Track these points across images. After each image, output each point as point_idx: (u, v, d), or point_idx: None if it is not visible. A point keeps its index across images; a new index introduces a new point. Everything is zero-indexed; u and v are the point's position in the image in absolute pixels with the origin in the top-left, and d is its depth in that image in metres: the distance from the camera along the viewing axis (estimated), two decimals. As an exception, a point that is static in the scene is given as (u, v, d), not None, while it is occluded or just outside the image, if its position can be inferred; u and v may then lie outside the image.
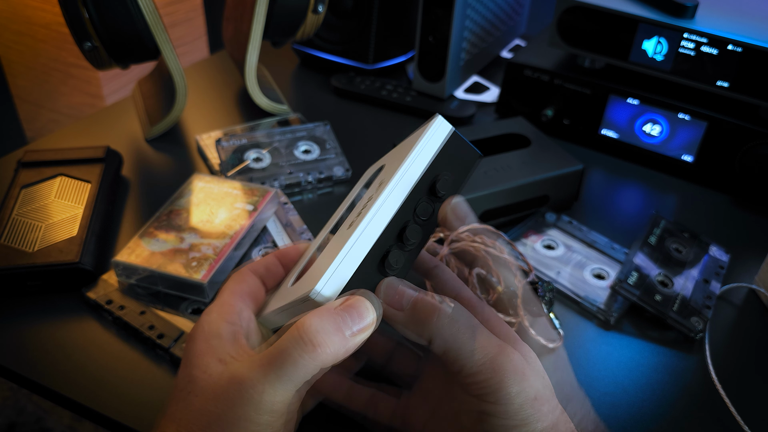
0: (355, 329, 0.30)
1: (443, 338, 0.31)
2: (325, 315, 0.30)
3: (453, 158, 0.35)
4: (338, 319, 0.30)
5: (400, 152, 0.37)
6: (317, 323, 0.30)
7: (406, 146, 0.37)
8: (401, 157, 0.35)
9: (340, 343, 0.30)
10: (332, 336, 0.30)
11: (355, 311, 0.30)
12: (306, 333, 0.29)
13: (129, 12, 0.61)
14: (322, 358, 0.30)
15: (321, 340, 0.29)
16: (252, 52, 0.70)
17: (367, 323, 0.31)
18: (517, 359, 0.31)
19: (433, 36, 0.75)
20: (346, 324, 0.30)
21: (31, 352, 0.45)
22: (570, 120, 0.73)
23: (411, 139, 0.37)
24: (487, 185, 0.56)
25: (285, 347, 0.30)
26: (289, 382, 0.30)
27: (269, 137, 0.66)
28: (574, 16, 0.68)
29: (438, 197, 0.34)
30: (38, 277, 0.49)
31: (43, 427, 1.10)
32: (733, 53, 0.61)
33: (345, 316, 0.30)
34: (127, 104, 0.76)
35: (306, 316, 0.30)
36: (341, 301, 0.31)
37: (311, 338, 0.29)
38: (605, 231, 0.59)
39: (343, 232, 0.33)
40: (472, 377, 0.31)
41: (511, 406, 0.30)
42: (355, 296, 0.31)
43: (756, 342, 0.50)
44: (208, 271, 0.49)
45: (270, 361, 0.30)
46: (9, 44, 1.36)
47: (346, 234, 0.32)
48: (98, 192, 0.56)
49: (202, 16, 1.47)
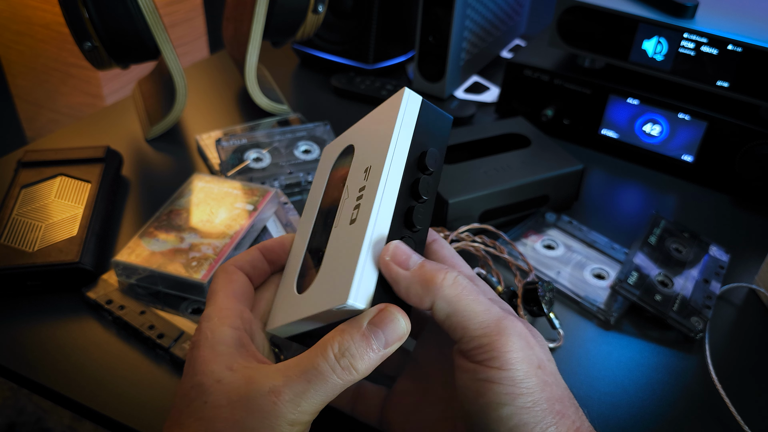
0: (389, 344, 0.30)
1: (447, 299, 0.30)
2: (357, 336, 0.30)
3: (429, 128, 0.35)
4: (371, 339, 0.30)
5: (371, 131, 0.36)
6: (353, 347, 0.30)
7: (376, 124, 0.36)
8: (379, 138, 0.34)
9: (374, 361, 0.30)
10: (365, 357, 0.30)
11: (390, 326, 0.30)
12: (343, 356, 0.29)
13: (129, 12, 0.61)
14: (355, 379, 0.30)
15: (359, 365, 0.30)
16: (252, 52, 0.70)
17: (400, 335, 0.30)
18: (521, 326, 0.31)
19: (433, 36, 0.75)
20: (380, 341, 0.30)
21: (31, 351, 0.45)
22: (570, 120, 0.73)
23: (379, 115, 0.36)
24: (487, 185, 0.56)
25: (318, 365, 0.30)
26: (318, 396, 0.30)
27: (269, 137, 0.66)
28: (574, 16, 0.68)
29: (429, 172, 0.33)
30: (38, 276, 0.49)
31: (43, 427, 1.10)
32: (733, 53, 0.61)
33: (379, 333, 0.30)
34: (127, 104, 0.76)
35: (340, 337, 0.30)
36: (372, 315, 0.30)
37: (349, 363, 0.30)
38: (605, 231, 0.59)
39: (347, 228, 0.33)
40: (477, 340, 0.30)
41: (516, 372, 0.29)
42: (387, 309, 0.30)
43: (756, 342, 0.50)
44: (208, 271, 0.49)
45: (301, 374, 0.30)
46: (9, 44, 1.36)
47: (353, 231, 0.32)
48: (98, 192, 0.56)
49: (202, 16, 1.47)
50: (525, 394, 0.29)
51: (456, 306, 0.30)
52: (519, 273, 0.52)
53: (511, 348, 0.29)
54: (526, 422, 0.29)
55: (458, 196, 0.55)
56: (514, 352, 0.29)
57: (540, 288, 0.48)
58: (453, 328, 0.31)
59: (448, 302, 0.30)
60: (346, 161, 0.38)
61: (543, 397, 0.29)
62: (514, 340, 0.30)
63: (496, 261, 0.55)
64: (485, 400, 0.29)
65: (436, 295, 0.30)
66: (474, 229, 0.54)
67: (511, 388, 0.29)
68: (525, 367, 0.29)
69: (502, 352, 0.29)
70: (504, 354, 0.29)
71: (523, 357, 0.30)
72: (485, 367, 0.30)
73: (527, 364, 0.30)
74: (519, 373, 0.29)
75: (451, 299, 0.30)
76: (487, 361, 0.30)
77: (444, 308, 0.30)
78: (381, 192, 0.32)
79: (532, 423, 0.29)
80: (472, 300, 0.30)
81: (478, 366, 0.30)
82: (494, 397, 0.29)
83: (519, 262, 0.54)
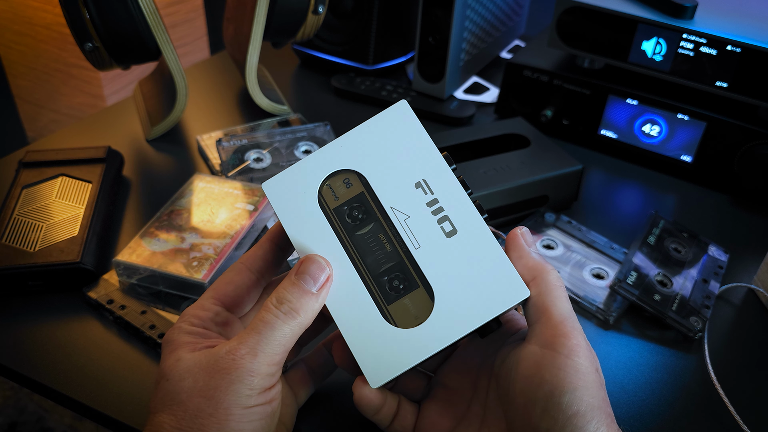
0: (317, 280, 0.34)
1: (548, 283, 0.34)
2: (288, 283, 0.34)
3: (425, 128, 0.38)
4: (302, 281, 0.34)
5: (384, 148, 0.37)
6: (287, 293, 0.33)
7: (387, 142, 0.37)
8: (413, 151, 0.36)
9: (310, 302, 0.34)
10: (304, 298, 0.33)
11: (312, 266, 0.34)
12: (281, 303, 0.33)
13: (130, 13, 0.61)
14: (303, 321, 0.33)
15: (297, 305, 0.33)
16: (252, 52, 0.70)
17: (324, 273, 0.34)
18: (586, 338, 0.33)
19: (433, 37, 0.76)
20: (308, 282, 0.34)
21: (32, 351, 0.45)
22: (569, 120, 0.73)
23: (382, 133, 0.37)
24: (487, 185, 0.56)
25: (262, 317, 0.33)
26: (271, 345, 0.32)
27: (270, 137, 0.66)
28: (574, 16, 0.68)
29: (455, 167, 0.36)
30: (39, 276, 0.49)
31: (44, 426, 1.10)
32: (732, 54, 0.61)
33: (305, 276, 0.34)
34: (128, 104, 0.77)
35: (278, 289, 0.34)
36: (295, 269, 0.34)
37: (288, 308, 0.33)
38: (604, 231, 0.60)
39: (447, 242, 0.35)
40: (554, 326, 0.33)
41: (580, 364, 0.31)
42: (306, 257, 0.35)
43: (755, 341, 0.50)
44: (208, 270, 0.49)
45: (250, 330, 0.33)
46: (10, 45, 1.36)
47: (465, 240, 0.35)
48: (99, 192, 0.57)
49: (202, 16, 1.47)
50: (585, 387, 0.31)
51: (552, 290, 0.34)
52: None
53: (579, 342, 0.32)
54: (584, 413, 0.30)
55: (458, 197, 0.55)
56: (582, 347, 0.32)
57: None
58: (537, 308, 0.34)
59: (546, 285, 0.34)
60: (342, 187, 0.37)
61: (600, 395, 0.31)
62: (582, 340, 0.33)
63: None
64: (548, 388, 0.31)
65: (541, 275, 0.34)
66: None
67: (573, 377, 0.31)
68: (587, 363, 0.32)
69: (572, 340, 0.32)
70: (575, 345, 0.32)
71: (588, 354, 0.32)
72: (553, 351, 0.32)
73: (589, 362, 0.32)
74: (582, 366, 0.31)
75: (550, 284, 0.34)
76: (557, 346, 0.32)
77: (541, 288, 0.34)
78: (465, 196, 0.35)
79: (589, 416, 0.30)
80: (563, 294, 0.34)
81: (546, 351, 0.32)
82: (558, 383, 0.31)
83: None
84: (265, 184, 0.38)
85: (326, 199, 0.37)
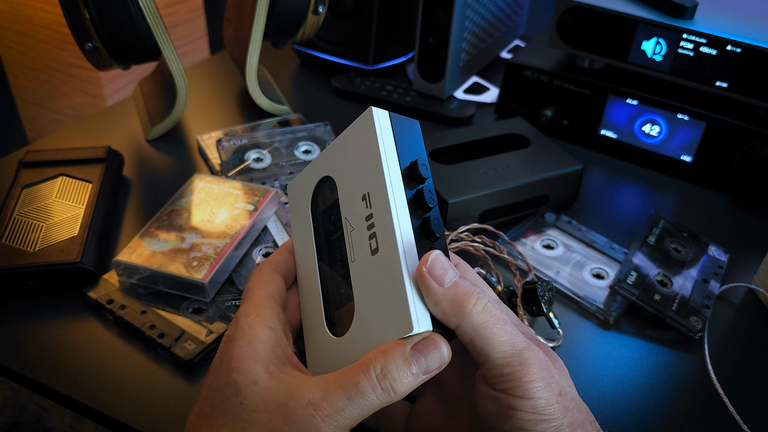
0: (429, 370, 0.31)
1: (473, 325, 0.31)
2: (400, 360, 0.30)
3: (406, 138, 0.35)
4: (413, 363, 0.30)
5: (349, 158, 0.36)
6: (395, 370, 0.30)
7: (352, 149, 0.36)
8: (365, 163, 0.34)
9: (411, 386, 0.31)
10: (405, 381, 0.30)
11: (433, 353, 0.31)
12: (384, 378, 0.30)
13: (130, 13, 0.61)
14: (392, 400, 0.30)
15: (398, 387, 0.30)
16: (252, 52, 0.70)
17: (440, 362, 0.31)
18: (542, 356, 0.31)
19: (433, 37, 0.76)
20: (421, 366, 0.31)
21: (33, 351, 0.45)
22: (569, 120, 0.73)
23: (350, 140, 0.36)
24: (487, 185, 0.56)
25: (359, 383, 0.30)
26: (355, 413, 0.30)
27: (270, 137, 0.66)
28: (574, 16, 0.68)
29: (425, 179, 0.34)
30: (39, 276, 0.49)
31: (44, 426, 1.10)
32: (732, 54, 0.61)
33: (421, 359, 0.31)
34: (128, 104, 0.77)
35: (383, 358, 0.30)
36: (416, 341, 0.31)
37: (389, 385, 0.30)
38: (604, 231, 0.60)
39: (371, 259, 0.33)
40: (499, 369, 0.31)
41: (538, 401, 0.30)
42: (431, 337, 0.31)
43: (755, 341, 0.50)
44: (208, 270, 0.49)
45: (341, 390, 0.30)
46: (10, 45, 1.36)
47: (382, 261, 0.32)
48: (99, 192, 0.57)
49: (202, 16, 1.47)
50: (547, 420, 0.30)
51: (481, 333, 0.31)
52: (518, 273, 0.52)
53: (532, 378, 0.30)
54: None
55: (458, 196, 0.55)
56: (536, 381, 0.30)
57: (539, 288, 0.48)
58: (476, 353, 0.31)
59: (474, 329, 0.31)
60: (326, 193, 0.38)
61: (565, 422, 0.31)
62: (536, 371, 0.31)
63: (495, 261, 0.55)
64: (509, 426, 0.31)
65: (462, 319, 0.31)
66: (474, 229, 0.54)
67: (533, 415, 0.30)
68: (546, 395, 0.30)
69: (524, 381, 0.30)
70: (526, 384, 0.30)
71: (545, 386, 0.31)
72: (508, 395, 0.31)
73: (548, 392, 0.31)
74: (541, 401, 0.30)
75: (477, 326, 0.31)
76: (510, 390, 0.31)
77: (469, 333, 0.31)
78: (395, 214, 0.32)
79: None
80: (498, 329, 0.31)
81: (501, 394, 0.31)
82: (517, 423, 0.30)
83: (518, 261, 0.54)
84: (290, 183, 0.41)
85: (318, 202, 0.38)
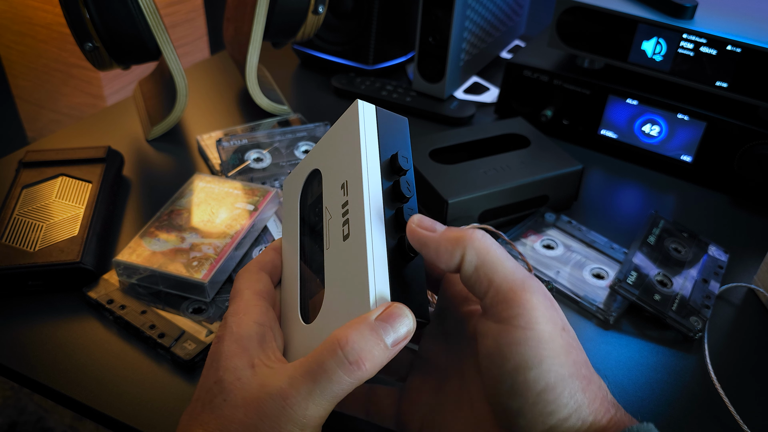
0: (398, 339, 0.30)
1: (477, 249, 0.30)
2: (366, 330, 0.29)
3: (391, 132, 0.36)
4: (380, 332, 0.29)
5: (334, 150, 0.37)
6: (359, 341, 0.29)
7: (338, 142, 0.37)
8: (346, 153, 0.35)
9: (381, 357, 0.29)
10: (374, 351, 0.29)
11: (398, 320, 0.29)
12: (349, 352, 0.29)
13: (130, 13, 0.61)
14: (364, 375, 0.29)
15: (364, 357, 0.29)
16: (252, 52, 0.70)
17: (408, 330, 0.30)
18: (544, 288, 0.30)
19: (433, 37, 0.76)
20: (388, 335, 0.29)
21: (33, 351, 0.45)
22: (569, 120, 0.73)
23: (337, 133, 0.37)
24: (487, 185, 0.56)
25: (324, 362, 0.29)
26: (326, 397, 0.29)
27: (270, 137, 0.66)
28: (574, 16, 0.68)
29: (404, 171, 0.34)
30: (39, 276, 0.49)
31: (44, 426, 1.10)
32: (732, 54, 0.61)
33: (387, 327, 0.29)
34: (128, 104, 0.77)
35: (345, 331, 0.29)
36: (378, 312, 0.30)
37: (355, 358, 0.29)
38: (604, 231, 0.60)
39: (342, 245, 0.33)
40: (503, 294, 0.29)
41: (542, 333, 0.28)
42: (394, 305, 0.30)
43: (755, 341, 0.50)
44: (209, 270, 0.49)
45: (306, 374, 0.29)
46: (10, 45, 1.36)
47: (350, 245, 0.32)
48: (99, 192, 0.57)
49: (202, 16, 1.47)
50: (551, 357, 0.28)
51: (485, 257, 0.30)
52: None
53: (536, 305, 0.29)
54: (554, 386, 0.28)
55: (458, 196, 0.55)
56: (539, 309, 0.29)
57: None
58: (480, 281, 0.30)
59: (478, 253, 0.30)
60: (314, 186, 0.39)
61: (569, 360, 0.29)
62: (540, 298, 0.29)
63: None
64: (511, 365, 0.29)
65: (466, 246, 0.30)
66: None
67: (536, 350, 0.28)
68: (550, 328, 0.29)
69: (527, 308, 0.29)
70: (529, 311, 0.29)
71: (549, 316, 0.29)
72: (510, 326, 0.29)
73: (552, 325, 0.29)
74: (544, 334, 0.28)
75: (480, 250, 0.30)
76: (512, 319, 0.29)
77: (473, 260, 0.30)
78: (367, 200, 0.32)
79: (560, 388, 0.28)
80: (500, 254, 0.30)
81: (503, 327, 0.29)
82: (520, 360, 0.28)
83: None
84: (285, 180, 0.43)
85: (307, 196, 0.39)
